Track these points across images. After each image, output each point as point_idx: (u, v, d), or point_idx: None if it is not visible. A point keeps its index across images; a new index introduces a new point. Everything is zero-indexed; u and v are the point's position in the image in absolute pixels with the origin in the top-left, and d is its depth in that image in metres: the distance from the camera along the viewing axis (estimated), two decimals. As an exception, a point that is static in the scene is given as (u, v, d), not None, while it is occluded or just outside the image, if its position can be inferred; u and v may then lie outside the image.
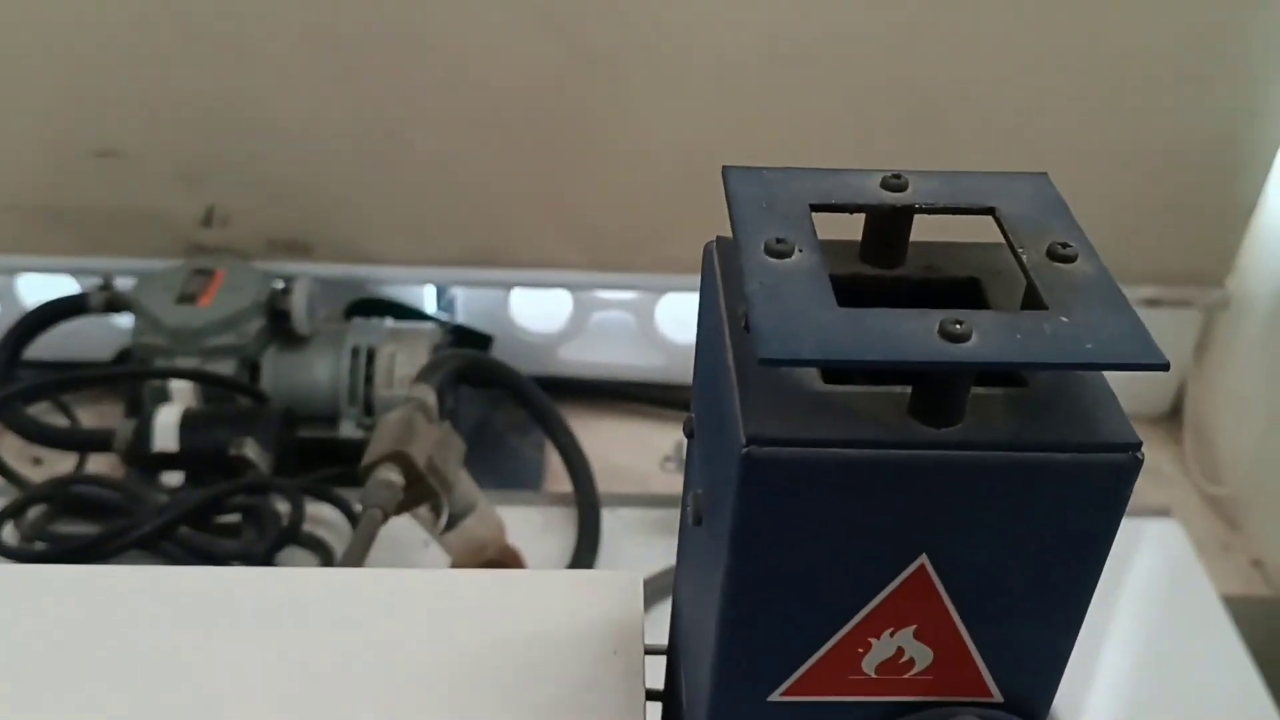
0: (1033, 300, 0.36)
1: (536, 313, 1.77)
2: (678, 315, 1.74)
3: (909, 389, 0.36)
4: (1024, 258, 0.37)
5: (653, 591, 0.61)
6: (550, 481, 1.59)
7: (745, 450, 0.34)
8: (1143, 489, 1.48)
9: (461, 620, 0.56)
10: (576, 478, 1.30)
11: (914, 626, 0.39)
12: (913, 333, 0.33)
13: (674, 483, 1.37)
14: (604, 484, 1.37)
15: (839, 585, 0.38)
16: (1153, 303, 1.63)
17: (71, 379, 1.49)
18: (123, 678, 0.53)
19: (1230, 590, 1.40)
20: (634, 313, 1.74)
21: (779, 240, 0.37)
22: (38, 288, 1.67)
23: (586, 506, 1.29)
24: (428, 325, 1.59)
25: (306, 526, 1.25)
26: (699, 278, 0.47)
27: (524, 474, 1.61)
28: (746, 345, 0.38)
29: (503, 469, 1.60)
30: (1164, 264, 1.61)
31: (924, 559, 0.37)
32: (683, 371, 1.76)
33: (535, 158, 1.52)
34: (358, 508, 1.15)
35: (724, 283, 0.41)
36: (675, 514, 0.59)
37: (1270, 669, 1.21)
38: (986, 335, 0.33)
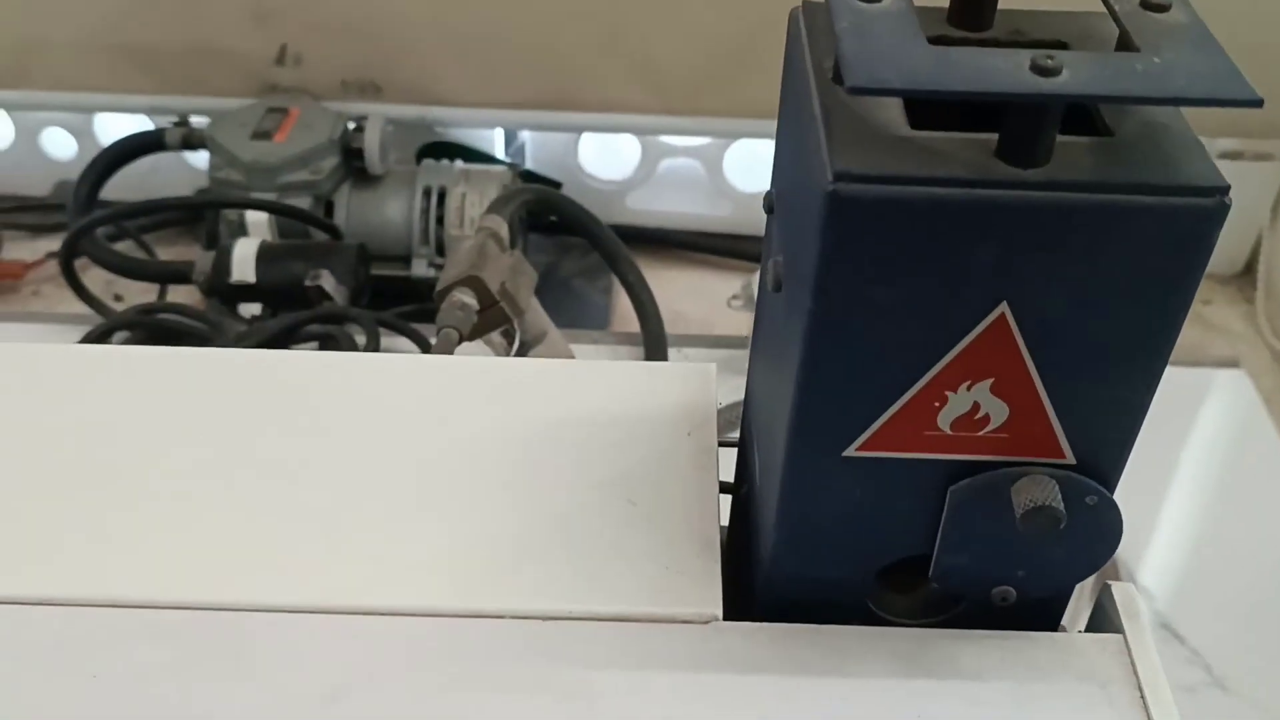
0: (1125, 46, 0.36)
1: (605, 160, 1.76)
2: (747, 164, 1.72)
3: (995, 136, 0.36)
4: (1116, 7, 0.37)
5: (719, 425, 0.61)
6: (617, 325, 1.60)
7: (832, 188, 0.35)
8: (1212, 344, 1.44)
9: (538, 402, 0.58)
10: (643, 314, 1.30)
11: (991, 380, 0.40)
12: (1003, 67, 0.34)
13: (740, 322, 1.38)
14: (669, 330, 1.37)
15: (919, 333, 0.38)
16: (1232, 155, 1.59)
17: (152, 204, 1.51)
18: (197, 453, 0.55)
19: (1297, 444, 1.40)
20: (702, 160, 1.73)
21: (869, -15, 0.37)
22: (115, 128, 1.69)
23: (653, 342, 1.30)
24: (498, 168, 1.59)
25: (381, 358, 1.27)
26: (773, 122, 0.47)
27: (591, 320, 1.63)
28: (834, 96, 0.38)
29: (570, 315, 1.61)
30: (1244, 115, 1.56)
31: (1004, 307, 0.37)
32: (750, 222, 1.76)
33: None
34: (433, 341, 1.17)
35: (810, 43, 0.41)
36: (741, 355, 0.59)
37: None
38: (1077, 71, 0.33)
